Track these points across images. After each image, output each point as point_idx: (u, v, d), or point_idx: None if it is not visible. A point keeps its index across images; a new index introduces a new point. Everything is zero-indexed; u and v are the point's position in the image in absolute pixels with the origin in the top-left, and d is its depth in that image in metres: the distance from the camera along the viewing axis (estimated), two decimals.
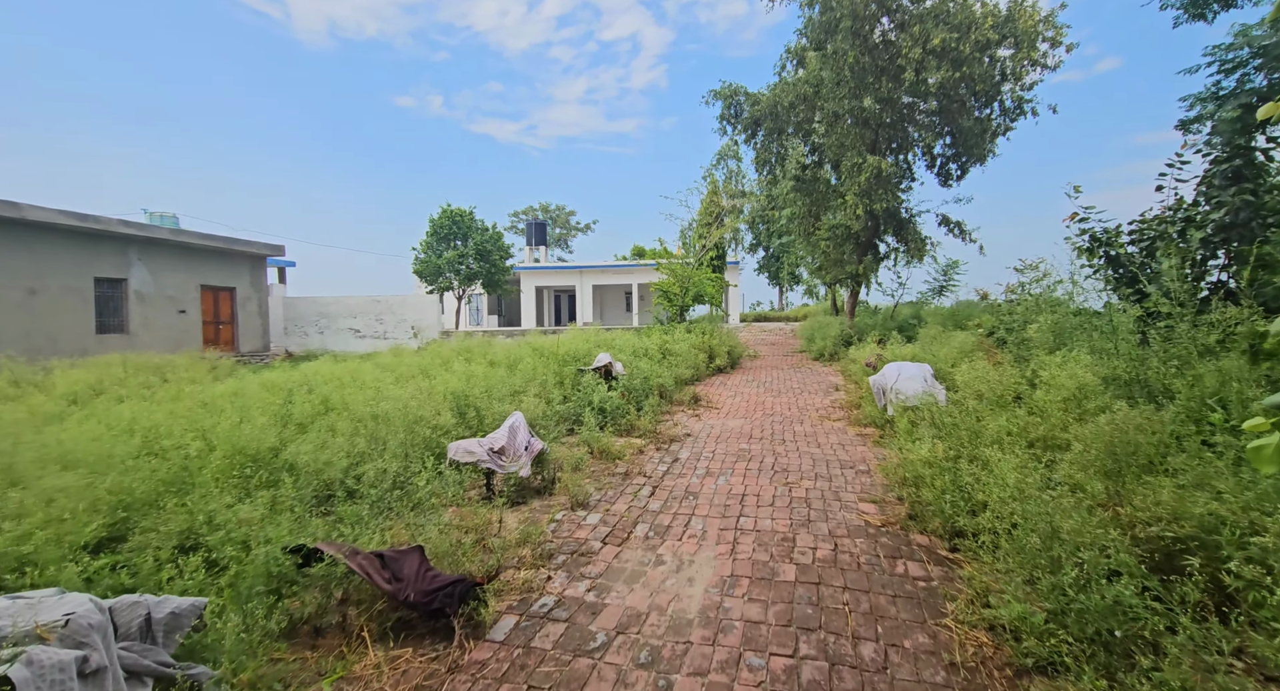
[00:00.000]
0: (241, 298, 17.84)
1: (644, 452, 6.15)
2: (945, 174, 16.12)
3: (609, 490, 4.92)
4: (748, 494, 4.81)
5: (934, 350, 7.26)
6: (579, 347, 9.09)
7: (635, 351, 9.93)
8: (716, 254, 20.13)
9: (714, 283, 15.30)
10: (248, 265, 18.05)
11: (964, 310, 11.18)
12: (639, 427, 6.87)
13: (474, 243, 22.35)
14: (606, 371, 7.98)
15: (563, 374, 7.88)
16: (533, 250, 34.90)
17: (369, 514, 3.37)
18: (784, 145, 16.35)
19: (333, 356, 12.60)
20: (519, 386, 7.24)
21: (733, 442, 6.53)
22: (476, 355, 10.72)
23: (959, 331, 8.93)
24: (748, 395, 9.74)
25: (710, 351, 12.31)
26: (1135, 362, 4.04)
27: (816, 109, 14.82)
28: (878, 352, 7.43)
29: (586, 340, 10.47)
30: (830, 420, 7.58)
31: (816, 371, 12.68)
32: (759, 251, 46.48)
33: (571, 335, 11.37)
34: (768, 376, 12.02)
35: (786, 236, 32.15)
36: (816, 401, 9.01)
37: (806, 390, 10.12)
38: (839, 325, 16.01)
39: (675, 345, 11.27)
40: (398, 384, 7.49)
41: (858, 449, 6.13)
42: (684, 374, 10.25)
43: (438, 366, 9.40)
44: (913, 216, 15.53)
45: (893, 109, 13.87)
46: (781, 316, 35.93)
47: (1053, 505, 2.66)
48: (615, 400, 7.09)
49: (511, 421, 4.81)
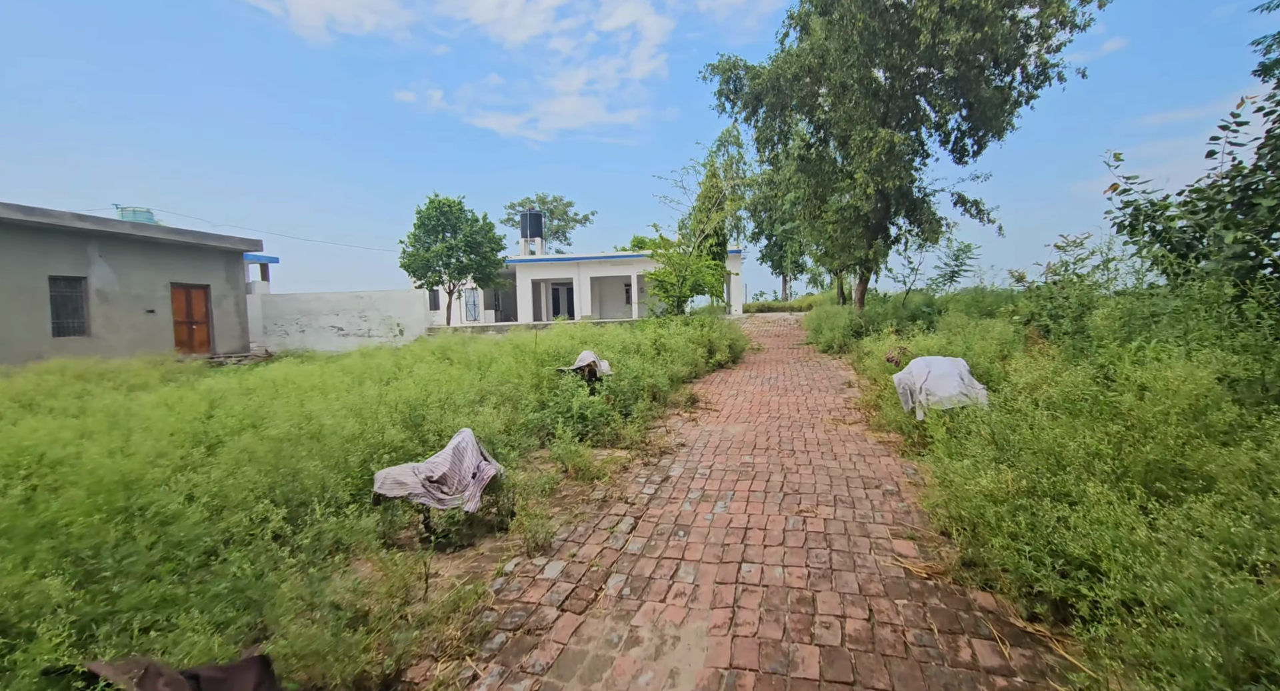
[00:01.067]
0: (216, 295, 16.92)
1: (628, 469, 5.20)
2: (961, 150, 15.02)
3: (579, 524, 3.97)
4: (752, 526, 3.86)
5: (966, 341, 6.29)
6: (561, 344, 8.12)
7: (625, 348, 8.97)
8: (717, 241, 19.07)
9: (714, 271, 14.30)
10: (223, 261, 17.12)
11: (989, 296, 10.17)
12: (625, 437, 5.92)
13: (463, 234, 21.33)
14: (590, 371, 7.03)
15: (541, 375, 6.93)
16: (528, 242, 33.87)
17: (226, 586, 2.42)
18: (787, 122, 15.26)
19: (298, 357, 11.69)
20: (490, 389, 6.30)
21: (734, 454, 5.58)
22: (456, 353, 9.80)
23: (989, 319, 7.93)
24: (751, 394, 8.78)
25: (710, 346, 11.33)
26: (1260, 358, 3.05)
27: (822, 81, 13.73)
28: (899, 345, 6.45)
29: (571, 336, 9.51)
30: (845, 423, 6.62)
31: (825, 365, 11.70)
32: (761, 240, 45.36)
33: (557, 330, 10.42)
34: (773, 372, 11.04)
35: (790, 222, 31.04)
36: (828, 401, 8.04)
37: (816, 387, 9.15)
38: (848, 314, 15.00)
39: (671, 339, 10.30)
40: (355, 388, 6.59)
41: (882, 461, 5.17)
42: (680, 371, 9.29)
43: (407, 368, 8.48)
44: (926, 196, 14.46)
45: (905, 78, 12.78)
46: (786, 306, 34.88)
47: (1230, 593, 1.69)
48: (598, 405, 6.14)
49: (457, 441, 3.86)
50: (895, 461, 5.17)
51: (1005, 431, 3.44)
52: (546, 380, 6.85)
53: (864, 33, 11.67)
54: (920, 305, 16.63)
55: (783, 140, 15.89)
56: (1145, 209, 7.40)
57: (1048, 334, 6.07)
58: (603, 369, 7.12)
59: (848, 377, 9.95)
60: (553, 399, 6.40)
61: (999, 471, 2.99)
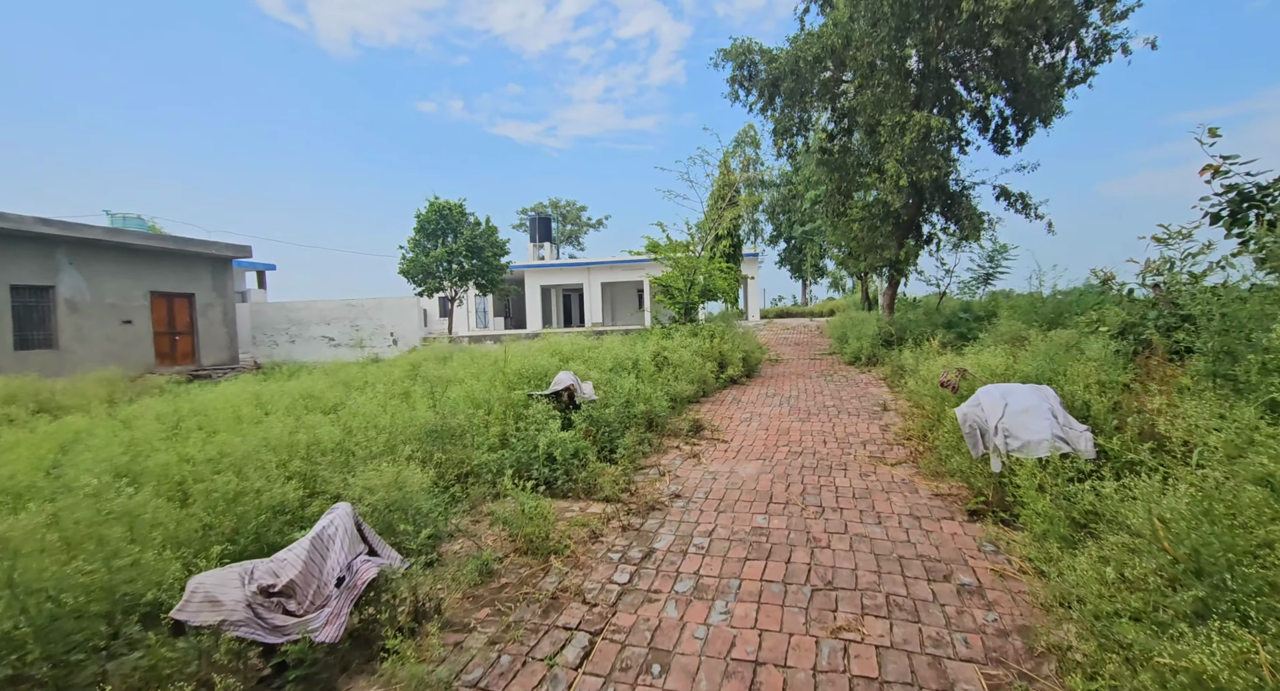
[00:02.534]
0: (202, 304, 16.05)
1: (600, 538, 3.89)
2: (1002, 139, 13.48)
3: (508, 648, 2.68)
4: (765, 658, 2.53)
5: (1050, 362, 4.85)
6: (539, 362, 6.84)
7: (618, 364, 7.68)
8: (731, 243, 17.70)
9: (727, 275, 12.95)
10: (209, 268, 16.26)
11: (1051, 301, 8.65)
12: (603, 485, 4.62)
13: (464, 238, 20.25)
14: (569, 397, 5.75)
15: (509, 402, 5.66)
16: (537, 247, 32.84)
17: None
18: (807, 110, 13.88)
19: (271, 372, 10.62)
20: (435, 423, 5.06)
21: (743, 512, 4.24)
22: (430, 370, 8.61)
23: (1059, 331, 6.47)
24: (767, 418, 7.42)
25: (721, 358, 9.99)
26: None
27: (846, 64, 12.35)
28: (958, 366, 5.04)
29: (555, 351, 8.23)
30: (887, 464, 5.24)
31: (854, 381, 10.27)
32: (780, 243, 43.84)
33: (541, 344, 9.18)
34: (793, 388, 9.65)
35: (810, 223, 29.54)
36: (861, 429, 6.65)
37: (845, 410, 7.75)
38: (876, 321, 13.53)
39: (676, 353, 8.98)
40: (282, 416, 5.43)
41: (945, 529, 3.79)
42: (684, 391, 7.97)
43: (371, 385, 7.31)
44: (965, 189, 12.95)
45: (940, 57, 11.34)
46: (806, 311, 33.31)
47: None
48: (571, 442, 4.85)
49: (321, 527, 2.60)
50: (963, 528, 3.78)
51: (1190, 526, 2.06)
52: (515, 407, 5.58)
53: (896, 3, 10.30)
54: (956, 311, 15.08)
55: (802, 131, 14.52)
56: (1251, 194, 5.96)
57: (1178, 356, 4.62)
58: (584, 393, 5.83)
59: (882, 397, 8.52)
60: (520, 433, 5.13)
61: (1254, 646, 1.61)
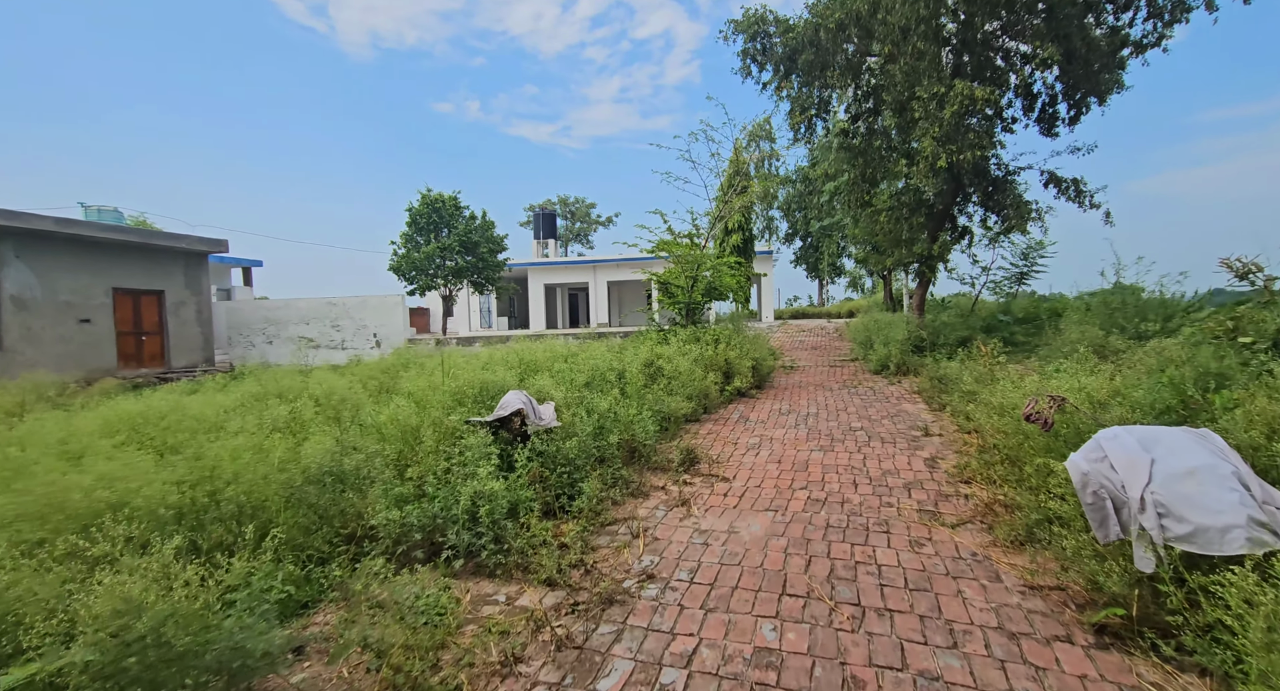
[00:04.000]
0: (173, 302, 14.98)
1: (517, 666, 2.53)
2: (1050, 118, 11.92)
3: None
4: None
5: (1174, 388, 3.41)
6: (494, 377, 5.46)
7: (596, 377, 6.30)
8: (743, 238, 16.28)
9: (736, 272, 11.52)
10: (181, 264, 15.19)
11: (1132, 301, 7.10)
12: (545, 559, 3.25)
13: (457, 233, 19.02)
14: (520, 424, 4.40)
15: (446, 429, 4.32)
16: (541, 244, 31.60)
17: None
18: (828, 88, 12.41)
19: (231, 378, 9.42)
20: (325, 465, 3.72)
21: (742, 614, 2.85)
22: (378, 381, 7.34)
23: (1161, 339, 5.01)
24: (780, 445, 6.01)
25: (726, 368, 8.57)
26: None
27: (873, 33, 10.86)
28: (1050, 393, 3.59)
29: (519, 362, 6.85)
30: (944, 523, 3.81)
31: (883, 394, 8.80)
32: (795, 241, 42.20)
33: (517, 346, 7.85)
34: (811, 404, 8.22)
35: (828, 218, 27.91)
36: (901, 463, 5.23)
37: (877, 434, 6.32)
38: (904, 325, 12.02)
39: (672, 361, 7.60)
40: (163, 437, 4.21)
41: (1070, 670, 2.36)
42: (679, 408, 6.59)
43: (295, 396, 6.03)
44: (1010, 174, 11.39)
45: (979, 24, 9.82)
46: (823, 312, 31.68)
47: None
48: (505, 494, 3.50)
49: None
50: (1096, 664, 2.36)
51: None
52: (450, 437, 4.23)
53: None
54: (994, 313, 13.51)
55: (822, 113, 13.04)
56: None
57: None
58: (541, 419, 4.47)
59: (919, 416, 7.07)
60: (444, 478, 3.79)
61: None
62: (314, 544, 3.41)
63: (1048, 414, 3.52)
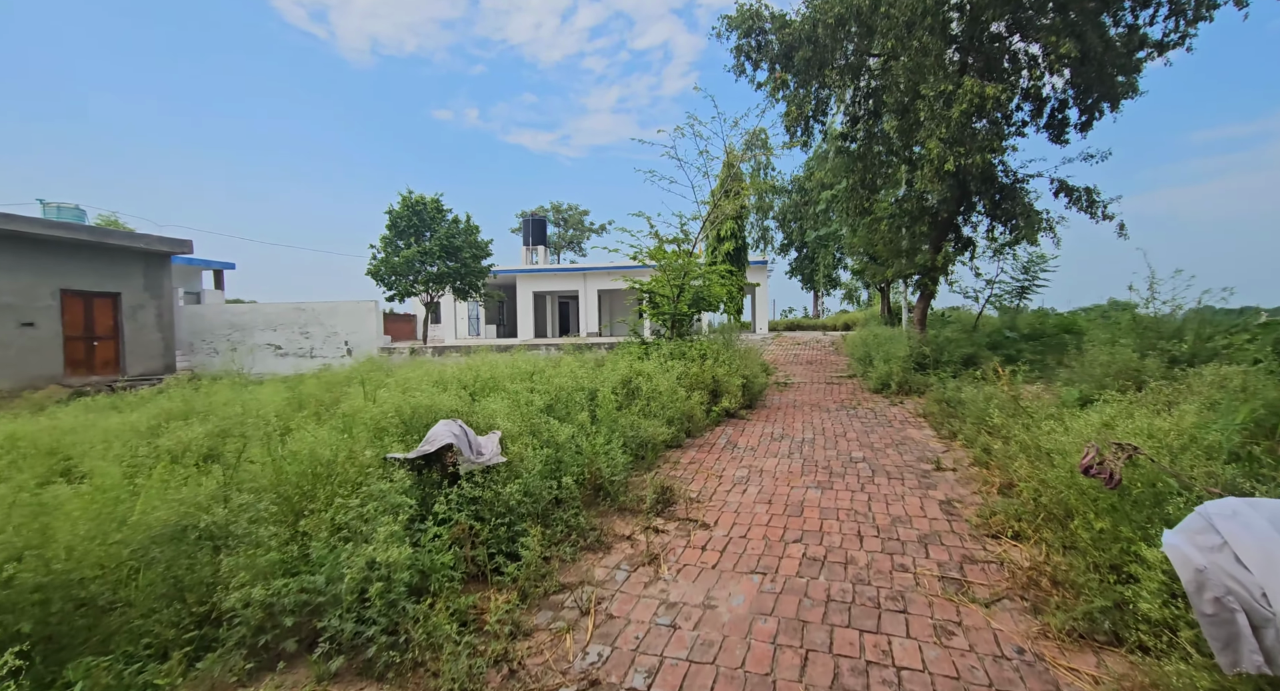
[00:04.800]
0: (130, 306, 14.07)
1: None
2: (1060, 124, 11.30)
3: None
4: None
5: None
6: (435, 402, 4.62)
7: (562, 399, 5.48)
8: (735, 245, 15.54)
9: (727, 281, 10.76)
10: (140, 265, 14.31)
11: (1165, 320, 6.36)
12: (447, 659, 2.43)
13: (438, 237, 18.20)
14: (454, 461, 3.57)
15: (355, 466, 3.49)
16: (530, 250, 30.80)
17: None
18: (826, 88, 11.74)
19: (152, 392, 8.56)
20: (183, 517, 2.89)
21: None
22: (318, 397, 6.53)
23: (1215, 367, 4.26)
24: (772, 480, 5.21)
25: (714, 386, 7.78)
26: None
27: (875, 29, 10.20)
28: (1115, 441, 2.80)
29: (471, 380, 6.02)
30: (972, 599, 3.02)
31: (885, 417, 8.03)
32: (790, 252, 41.69)
33: (481, 359, 7.03)
34: (807, 428, 7.43)
35: (824, 228, 27.29)
36: (913, 506, 4.44)
37: (882, 467, 5.53)
38: (906, 340, 11.27)
39: (652, 379, 6.79)
40: None
41: None
42: (658, 434, 5.78)
43: (201, 416, 5.19)
44: (1018, 182, 10.72)
45: (996, 11, 9.16)
46: (818, 324, 30.98)
47: None
48: (406, 566, 2.68)
49: None
50: None
51: None
52: (352, 483, 3.40)
53: None
54: (999, 329, 12.80)
55: (819, 115, 12.37)
56: None
57: None
58: (481, 454, 3.65)
59: (928, 445, 6.29)
60: (335, 537, 2.96)
61: None
62: (154, 629, 2.58)
63: (1113, 466, 2.74)
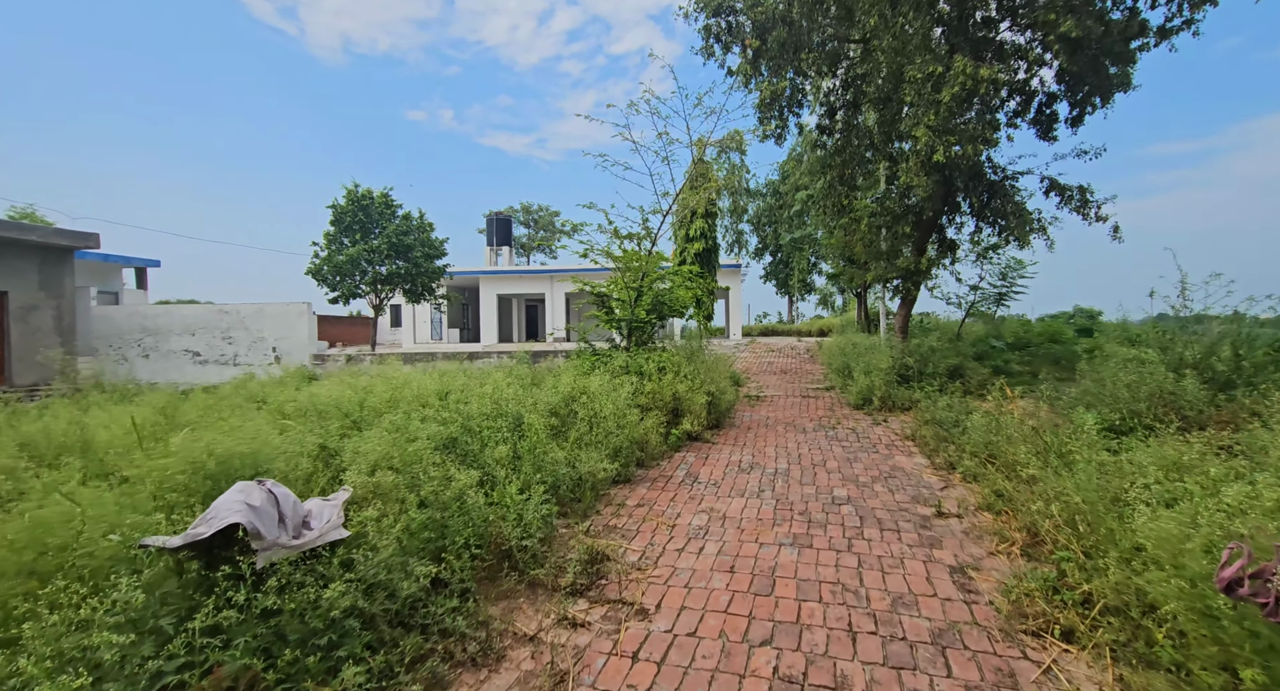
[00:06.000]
0: (19, 307, 12.38)
1: None
2: (1048, 119, 10.55)
3: None
4: None
5: None
6: (268, 448, 3.37)
7: (471, 430, 4.29)
8: (705, 246, 14.51)
9: (693, 284, 9.69)
10: (35, 260, 12.62)
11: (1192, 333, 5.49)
12: None
13: (385, 235, 16.76)
14: (241, 542, 2.36)
15: (97, 558, 2.27)
16: (494, 251, 29.41)
17: None
18: (802, 75, 10.81)
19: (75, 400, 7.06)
20: None
21: None
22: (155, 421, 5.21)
23: None
24: (734, 533, 4.12)
25: (674, 404, 6.67)
26: None
27: (854, 7, 9.28)
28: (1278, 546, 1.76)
29: (341, 413, 4.76)
30: None
31: (869, 439, 7.03)
32: (765, 256, 41.01)
33: (381, 375, 5.81)
34: (780, 454, 6.37)
35: (799, 230, 26.53)
36: (916, 580, 3.38)
37: (871, 513, 4.48)
38: (888, 350, 10.35)
39: (598, 399, 5.64)
40: None
41: None
42: (599, 471, 4.63)
43: None
44: (1007, 178, 9.90)
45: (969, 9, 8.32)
46: (793, 330, 30.23)
47: None
48: None
49: None
50: None
51: None
52: (92, 580, 2.18)
53: None
54: (985, 338, 12.01)
55: (795, 106, 11.45)
56: None
57: None
58: (305, 532, 2.45)
59: (922, 478, 5.28)
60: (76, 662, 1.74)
61: None
62: None
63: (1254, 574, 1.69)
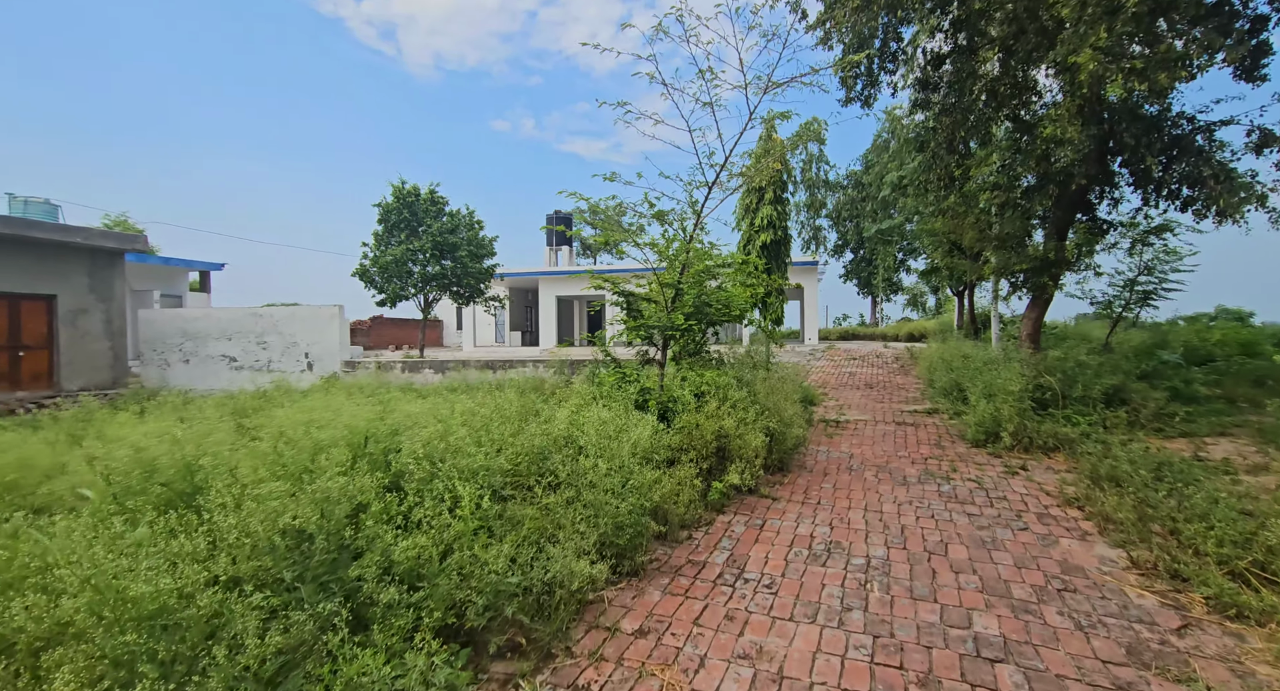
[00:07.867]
0: (68, 310, 12.33)
1: None
2: (1257, 50, 7.68)
3: None
4: None
5: None
6: None
7: (401, 510, 2.66)
8: (773, 238, 12.34)
9: (753, 280, 7.73)
10: (85, 263, 12.57)
11: None
12: None
13: (430, 233, 15.89)
14: None
15: None
16: (554, 251, 28.39)
17: None
18: (898, 19, 8.55)
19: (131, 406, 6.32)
20: None
21: None
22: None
23: None
24: None
25: (718, 446, 4.77)
26: None
27: None
28: None
29: (224, 469, 3.23)
30: None
31: (1008, 503, 4.80)
32: (845, 253, 37.70)
33: (327, 405, 4.33)
34: (874, 531, 4.33)
35: (885, 222, 23.52)
36: None
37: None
38: (1016, 365, 7.86)
39: (602, 443, 3.86)
40: None
41: None
42: (572, 576, 2.84)
43: None
44: (1199, 129, 7.17)
45: None
46: (876, 334, 27.05)
47: None
48: None
49: None
50: None
51: None
52: None
53: None
54: (1150, 349, 9.16)
55: (886, 61, 9.18)
56: None
57: None
58: None
59: (1116, 584, 3.08)
60: None
61: None
62: None
63: None
